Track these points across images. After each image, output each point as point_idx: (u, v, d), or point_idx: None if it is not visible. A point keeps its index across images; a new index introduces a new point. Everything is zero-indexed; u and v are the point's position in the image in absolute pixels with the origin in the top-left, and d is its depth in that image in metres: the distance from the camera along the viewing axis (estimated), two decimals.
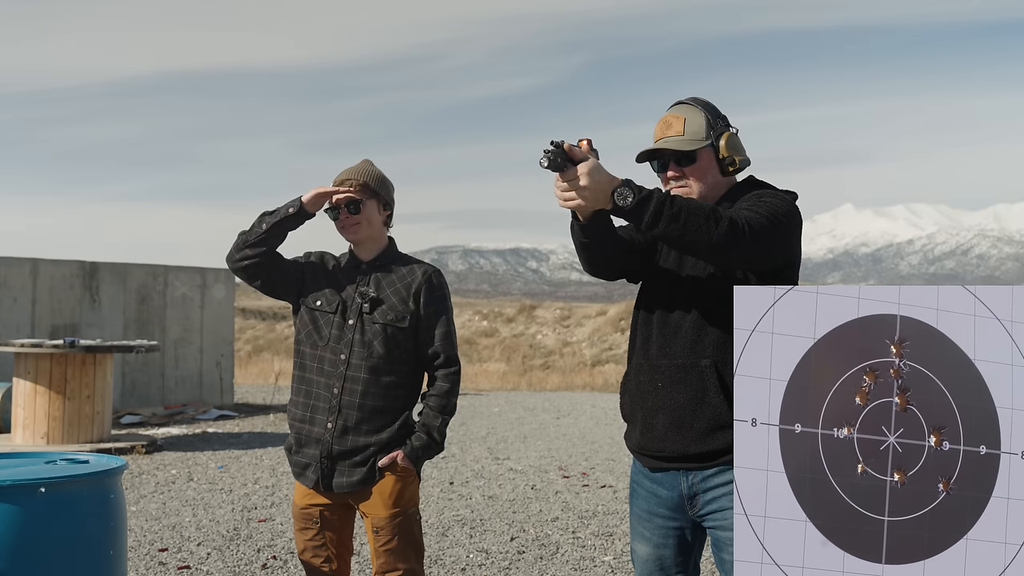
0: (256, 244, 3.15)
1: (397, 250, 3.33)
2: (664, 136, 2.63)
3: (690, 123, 2.61)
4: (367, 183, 3.22)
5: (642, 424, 2.62)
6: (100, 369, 9.32)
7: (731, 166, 2.62)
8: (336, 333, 3.18)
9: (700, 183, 2.61)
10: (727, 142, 2.61)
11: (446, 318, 3.28)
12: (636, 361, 2.66)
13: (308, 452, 3.19)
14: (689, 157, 2.61)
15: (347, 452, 3.15)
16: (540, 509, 6.91)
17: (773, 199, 2.52)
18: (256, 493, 7.37)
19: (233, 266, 3.21)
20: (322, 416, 3.17)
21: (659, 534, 2.64)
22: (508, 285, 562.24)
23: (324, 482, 3.17)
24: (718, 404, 2.48)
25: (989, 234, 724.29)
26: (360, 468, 3.15)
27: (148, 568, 5.20)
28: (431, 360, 3.26)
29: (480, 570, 5.26)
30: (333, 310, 3.20)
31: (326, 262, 3.31)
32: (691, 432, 2.51)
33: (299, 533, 3.26)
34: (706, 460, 2.52)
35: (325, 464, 3.16)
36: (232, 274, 15.83)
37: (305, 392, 3.22)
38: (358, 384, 3.15)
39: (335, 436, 3.15)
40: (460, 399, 15.86)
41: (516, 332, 29.64)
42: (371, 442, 3.15)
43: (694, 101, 2.66)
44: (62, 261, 12.42)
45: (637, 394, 2.64)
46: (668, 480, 2.59)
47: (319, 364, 3.20)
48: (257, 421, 12.33)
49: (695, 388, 2.51)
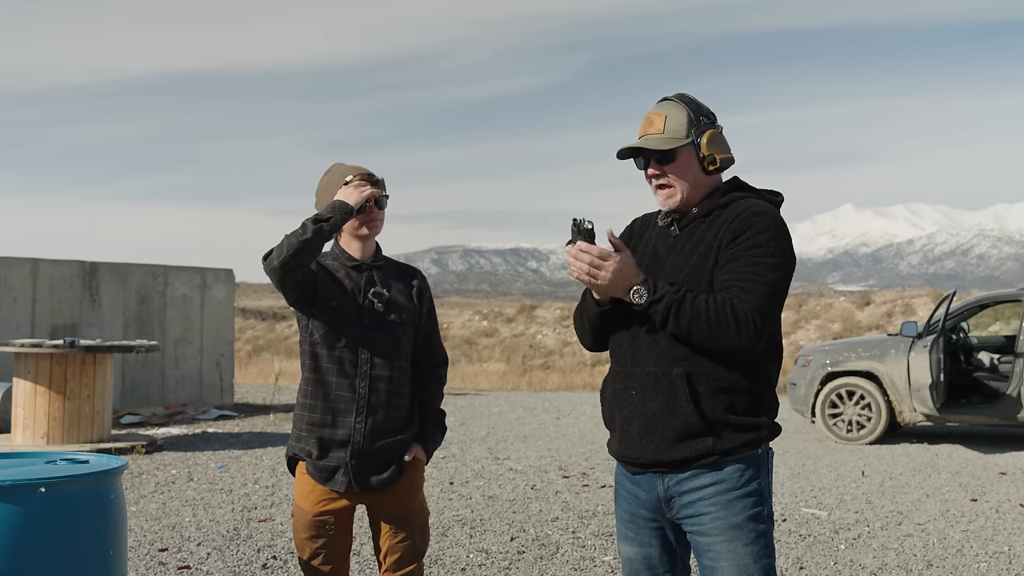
0: (312, 251, 3.00)
1: (382, 252, 3.35)
2: (646, 134, 2.63)
3: (671, 121, 2.60)
4: (382, 181, 3.26)
5: (620, 431, 2.64)
6: (100, 369, 9.31)
7: (711, 165, 2.60)
8: (355, 333, 3.15)
9: (680, 181, 2.61)
10: (708, 140, 2.59)
11: (436, 316, 3.42)
12: (613, 368, 2.69)
13: (335, 456, 3.13)
14: (668, 156, 2.60)
15: (378, 451, 3.14)
16: (540, 509, 6.91)
17: (766, 257, 2.48)
18: (256, 493, 7.37)
19: (281, 272, 3.00)
20: (347, 417, 3.13)
21: (643, 534, 2.66)
22: (508, 285, 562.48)
23: (358, 482, 3.13)
24: (688, 413, 2.49)
25: (989, 234, 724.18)
26: (390, 465, 3.16)
27: (148, 568, 5.20)
28: (427, 356, 3.33)
29: (480, 570, 5.26)
30: (349, 310, 3.16)
31: (323, 263, 3.27)
32: (663, 440, 2.52)
33: (309, 541, 3.17)
34: (680, 467, 2.53)
35: (356, 465, 3.12)
36: (231, 274, 15.61)
37: (323, 395, 3.15)
38: (383, 383, 3.15)
39: (365, 435, 3.12)
40: (460, 399, 15.88)
41: (516, 332, 29.63)
42: (399, 439, 3.18)
43: (678, 98, 2.64)
44: (62, 261, 12.42)
45: (614, 401, 2.66)
46: (646, 482, 2.61)
47: (339, 365, 3.14)
48: (257, 421, 12.33)
49: (667, 396, 2.51)
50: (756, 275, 2.46)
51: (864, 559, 5.61)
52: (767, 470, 2.57)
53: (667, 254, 2.64)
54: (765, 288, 2.46)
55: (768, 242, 2.50)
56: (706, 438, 2.49)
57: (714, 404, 2.49)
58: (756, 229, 2.51)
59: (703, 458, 2.50)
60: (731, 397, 2.50)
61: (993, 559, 5.64)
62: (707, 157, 2.60)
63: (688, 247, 2.59)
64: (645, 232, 2.76)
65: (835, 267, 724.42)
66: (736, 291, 2.45)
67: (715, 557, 2.50)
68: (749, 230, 2.51)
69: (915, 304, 26.28)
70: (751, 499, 2.51)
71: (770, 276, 2.47)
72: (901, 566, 5.47)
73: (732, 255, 2.50)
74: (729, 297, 2.44)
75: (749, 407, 2.52)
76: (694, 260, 2.55)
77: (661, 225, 2.71)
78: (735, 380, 2.50)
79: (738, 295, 2.44)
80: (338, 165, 3.30)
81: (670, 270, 2.59)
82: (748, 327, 2.41)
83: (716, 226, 2.56)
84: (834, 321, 26.44)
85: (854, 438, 10.69)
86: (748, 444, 2.51)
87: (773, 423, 2.58)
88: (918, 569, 5.41)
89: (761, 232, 2.51)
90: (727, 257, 2.51)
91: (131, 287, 13.06)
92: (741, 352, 2.45)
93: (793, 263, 2.57)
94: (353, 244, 3.25)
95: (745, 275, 2.47)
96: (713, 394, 2.49)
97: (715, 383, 2.49)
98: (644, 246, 2.72)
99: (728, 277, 2.48)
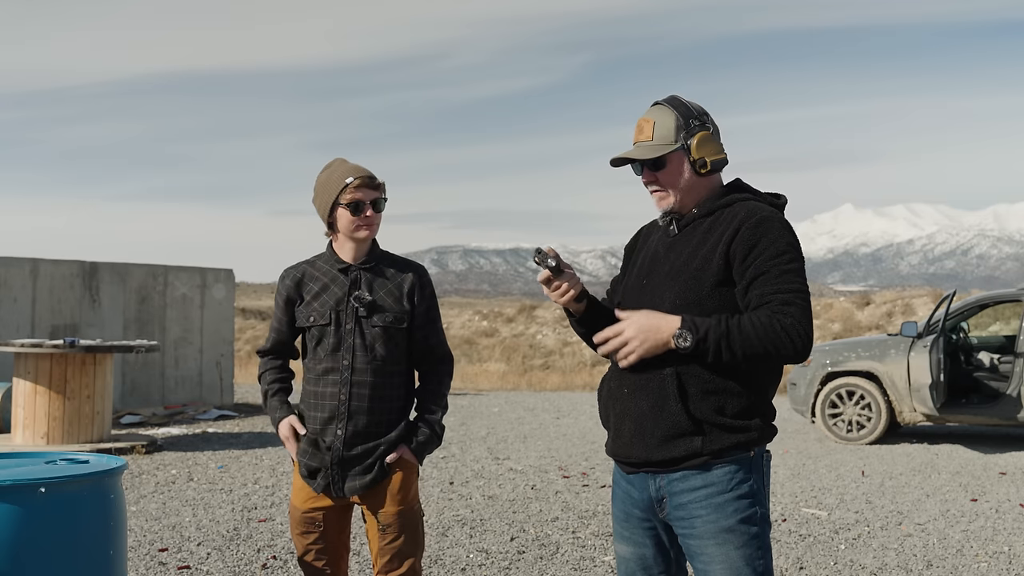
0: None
1: (380, 249, 3.33)
2: (637, 141, 2.64)
3: (659, 127, 2.60)
4: (383, 184, 3.24)
5: (613, 430, 2.65)
6: (100, 369, 9.31)
7: (703, 168, 2.60)
8: (335, 341, 3.17)
9: (673, 187, 2.61)
10: (698, 143, 2.59)
11: (437, 314, 3.34)
12: (610, 367, 2.69)
13: (320, 459, 3.17)
14: (658, 163, 2.60)
15: (357, 456, 3.15)
16: (540, 509, 6.91)
17: (790, 263, 2.50)
18: (256, 493, 7.37)
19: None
20: (331, 424, 3.16)
21: (637, 534, 2.66)
22: (508, 285, 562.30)
23: (335, 487, 3.17)
24: (676, 412, 2.49)
25: (989, 234, 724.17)
26: (370, 470, 3.16)
27: (148, 568, 5.20)
28: (426, 355, 3.30)
29: (480, 570, 5.26)
30: (328, 321, 3.17)
31: (306, 276, 3.27)
32: (652, 439, 2.53)
33: (300, 537, 3.23)
34: (669, 466, 2.53)
35: (335, 471, 3.15)
36: (231, 274, 15.61)
37: (313, 405, 3.21)
38: (365, 388, 3.15)
39: (344, 442, 3.14)
40: (460, 399, 15.87)
41: (516, 332, 29.62)
42: (380, 443, 3.16)
43: (668, 102, 2.64)
44: (62, 261, 12.42)
45: (608, 400, 2.67)
46: (639, 482, 2.62)
47: (323, 375, 3.18)
48: (257, 421, 12.32)
49: (656, 396, 2.52)
50: (789, 283, 2.47)
51: (864, 559, 5.61)
52: (761, 472, 2.55)
53: (666, 254, 2.63)
54: (800, 295, 2.48)
55: (787, 248, 2.51)
56: (694, 438, 2.48)
57: (704, 405, 2.49)
58: (771, 237, 2.50)
59: (691, 458, 2.49)
60: (722, 399, 2.49)
61: (993, 559, 5.64)
62: (698, 160, 2.59)
63: (688, 248, 2.58)
64: (650, 237, 2.77)
65: (835, 267, 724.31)
66: (776, 304, 2.45)
67: (708, 560, 2.49)
68: (764, 239, 2.50)
69: (915, 304, 26.28)
70: (743, 501, 2.49)
71: (799, 283, 2.50)
72: (901, 566, 5.47)
73: (758, 268, 2.48)
74: (770, 313, 2.43)
75: (741, 409, 2.50)
76: (695, 263, 2.54)
77: (661, 225, 2.72)
78: (726, 382, 2.49)
79: (780, 308, 2.44)
80: (339, 161, 3.29)
81: (669, 270, 2.58)
82: (800, 338, 2.42)
83: (717, 228, 2.55)
84: (834, 321, 26.44)
85: (854, 438, 10.69)
86: (739, 446, 2.50)
87: (768, 426, 2.56)
88: (918, 569, 5.41)
89: (778, 240, 2.50)
90: (753, 272, 2.49)
91: (131, 287, 13.06)
92: (798, 362, 2.55)
93: (797, 244, 2.60)
94: (346, 246, 3.24)
95: (780, 287, 2.47)
96: (703, 395, 2.49)
97: (706, 384, 2.49)
98: (646, 247, 2.73)
99: (763, 290, 2.47)
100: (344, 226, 3.20)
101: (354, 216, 3.17)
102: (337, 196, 3.18)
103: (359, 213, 3.17)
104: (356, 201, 3.16)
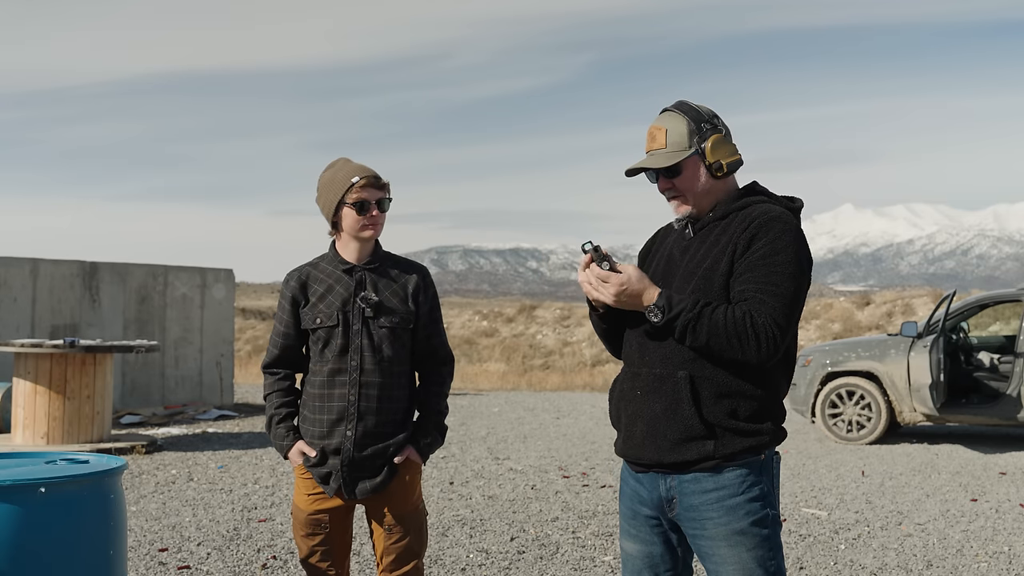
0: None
1: (383, 250, 3.32)
2: (650, 150, 2.63)
3: (671, 134, 2.59)
4: (388, 184, 3.24)
5: (624, 431, 2.65)
6: (100, 369, 9.31)
7: (719, 171, 2.59)
8: (343, 342, 3.16)
9: (690, 192, 2.61)
10: (712, 146, 2.58)
11: (439, 315, 3.35)
12: (623, 368, 2.70)
13: (330, 462, 3.16)
14: (673, 170, 2.59)
15: (368, 457, 3.15)
16: (540, 509, 6.91)
17: (783, 266, 2.47)
18: (256, 493, 7.36)
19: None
20: (340, 426, 3.15)
21: (645, 532, 2.67)
22: (508, 285, 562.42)
23: (347, 489, 3.16)
24: (689, 416, 2.49)
25: (989, 234, 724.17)
26: (380, 471, 3.16)
27: (148, 568, 5.20)
28: (429, 356, 3.30)
29: (480, 570, 5.26)
30: (335, 322, 3.16)
31: (310, 278, 3.26)
32: (665, 442, 2.53)
33: (305, 539, 3.22)
34: (681, 469, 2.53)
35: (347, 472, 3.15)
36: (231, 274, 15.63)
37: (319, 408, 3.18)
38: (373, 389, 3.15)
39: (355, 443, 3.13)
40: (460, 399, 15.87)
41: (516, 332, 29.62)
42: (390, 444, 3.17)
43: (678, 108, 2.63)
44: (62, 261, 12.41)
45: (620, 401, 2.67)
46: (649, 481, 2.62)
47: (331, 377, 3.17)
48: (257, 421, 12.32)
49: (670, 398, 2.52)
50: (774, 285, 2.45)
51: (864, 559, 5.61)
52: (771, 475, 2.56)
53: (681, 257, 2.64)
54: (783, 299, 2.44)
55: (784, 249, 2.48)
56: (707, 442, 2.48)
57: (716, 408, 2.49)
58: (772, 236, 2.49)
59: (703, 461, 2.49)
60: (735, 402, 2.49)
61: (993, 559, 5.64)
62: (713, 164, 2.58)
63: (702, 250, 2.58)
64: (666, 240, 2.77)
65: (835, 267, 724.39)
66: (755, 302, 2.43)
67: (719, 562, 2.50)
68: (764, 237, 2.49)
69: (915, 304, 26.27)
70: (755, 504, 2.49)
71: (787, 286, 2.46)
72: (901, 566, 5.47)
73: (749, 264, 2.48)
74: (747, 309, 2.42)
75: (753, 413, 2.50)
76: (707, 264, 2.54)
77: (677, 228, 2.72)
78: (740, 385, 2.49)
79: (756, 307, 2.43)
80: (344, 161, 3.29)
81: (684, 273, 2.59)
82: (768, 340, 2.40)
83: (730, 230, 2.55)
84: (834, 321, 26.44)
85: (854, 438, 10.69)
86: (750, 449, 2.50)
87: (778, 428, 2.57)
88: (918, 569, 5.41)
89: (777, 239, 2.49)
90: (744, 266, 2.48)
91: (131, 287, 13.06)
92: (759, 364, 2.45)
93: (810, 271, 2.55)
94: (351, 246, 3.24)
95: (763, 285, 2.45)
96: (716, 398, 2.49)
97: (719, 387, 2.49)
98: (662, 250, 2.73)
99: (746, 287, 2.46)
100: (349, 225, 3.19)
101: (360, 215, 3.17)
102: (343, 195, 3.18)
103: (365, 212, 3.17)
104: (362, 200, 3.16)
